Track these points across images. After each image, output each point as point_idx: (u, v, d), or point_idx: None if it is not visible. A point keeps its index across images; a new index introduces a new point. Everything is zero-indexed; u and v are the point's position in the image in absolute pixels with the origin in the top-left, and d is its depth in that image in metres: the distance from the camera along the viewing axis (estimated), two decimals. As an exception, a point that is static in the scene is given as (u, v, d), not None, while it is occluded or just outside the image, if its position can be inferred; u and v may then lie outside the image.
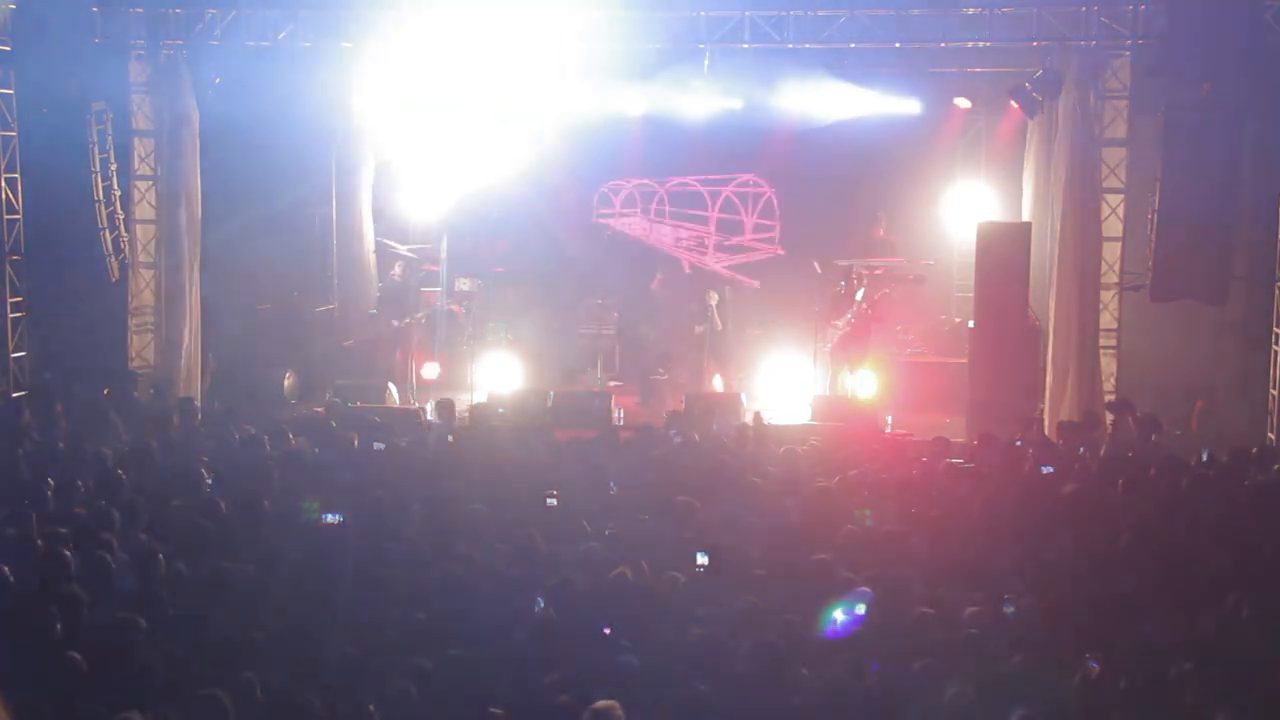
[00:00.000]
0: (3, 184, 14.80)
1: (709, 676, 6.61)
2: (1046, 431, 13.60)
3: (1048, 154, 15.74)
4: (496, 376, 16.75)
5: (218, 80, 15.51)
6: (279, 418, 13.70)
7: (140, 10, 15.04)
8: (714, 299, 17.35)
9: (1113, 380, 14.74)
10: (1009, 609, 7.11)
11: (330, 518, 9.24)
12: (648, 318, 18.28)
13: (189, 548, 8.52)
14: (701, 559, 8.39)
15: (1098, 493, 10.29)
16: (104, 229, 15.73)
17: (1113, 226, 14.63)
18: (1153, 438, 12.41)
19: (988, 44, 15.22)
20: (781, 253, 19.70)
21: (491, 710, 6.24)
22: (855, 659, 6.84)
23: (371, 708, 6.07)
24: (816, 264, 18.20)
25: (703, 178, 19.69)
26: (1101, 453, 11.97)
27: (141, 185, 15.69)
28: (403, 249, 18.68)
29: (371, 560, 8.45)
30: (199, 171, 15.27)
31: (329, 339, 17.77)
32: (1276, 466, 11.10)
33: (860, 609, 7.48)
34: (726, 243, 19.66)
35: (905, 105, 17.92)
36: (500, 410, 14.27)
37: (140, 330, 15.74)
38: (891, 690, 6.58)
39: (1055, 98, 14.87)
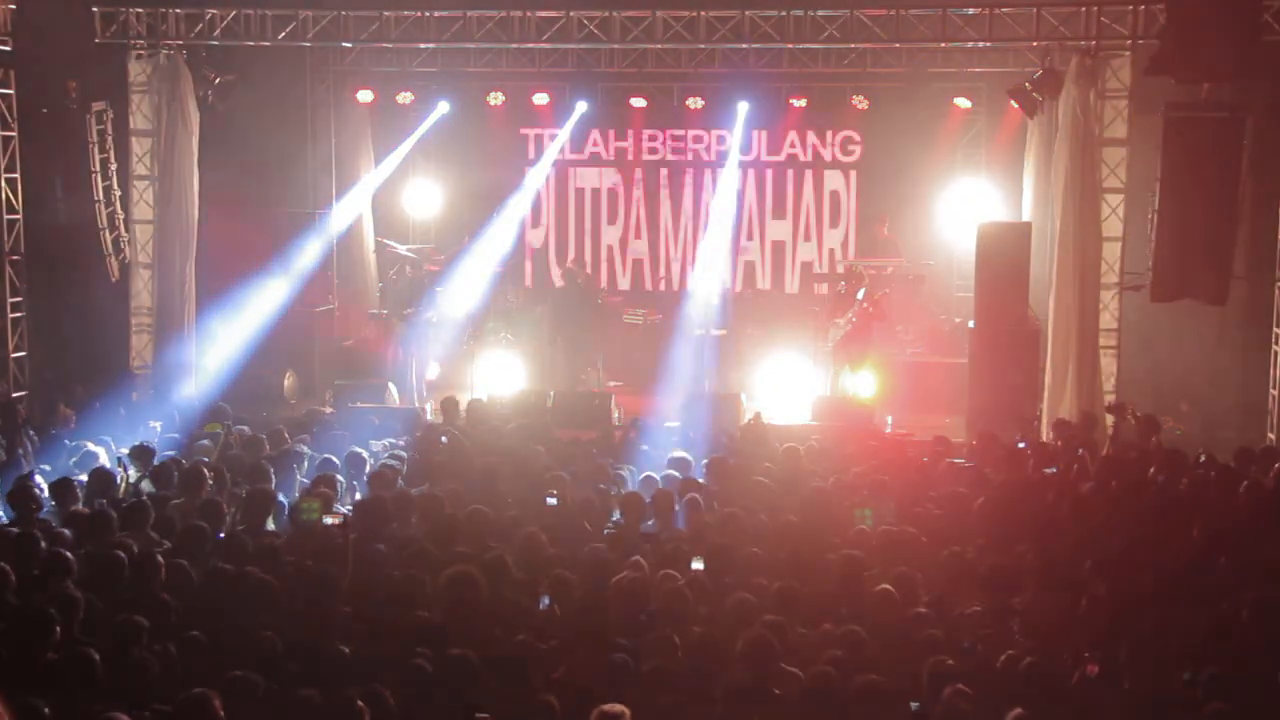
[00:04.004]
0: (3, 184, 14.79)
1: (704, 677, 6.62)
2: (1046, 432, 13.61)
3: (1048, 154, 15.75)
4: (496, 376, 16.75)
5: (217, 80, 15.52)
6: (279, 418, 13.70)
7: (140, 10, 15.04)
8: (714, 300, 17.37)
9: (1113, 380, 14.74)
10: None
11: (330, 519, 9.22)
12: None
13: (189, 548, 8.52)
14: (696, 564, 8.40)
15: (1098, 493, 10.30)
16: (104, 229, 15.72)
17: (1113, 226, 14.63)
18: (1153, 439, 12.41)
19: (988, 44, 15.24)
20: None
21: (479, 715, 6.24)
22: (847, 659, 6.85)
23: (360, 704, 6.06)
24: (816, 264, 18.25)
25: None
26: (1102, 453, 11.97)
27: (141, 185, 15.69)
28: (403, 249, 18.70)
29: (372, 560, 8.45)
30: (198, 171, 15.27)
31: (329, 339, 17.78)
32: (1276, 466, 11.09)
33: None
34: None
35: (907, 105, 18.00)
36: (501, 410, 14.27)
37: (140, 330, 15.74)
38: (889, 690, 6.57)
39: (1055, 98, 14.89)
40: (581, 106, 18.95)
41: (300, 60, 17.37)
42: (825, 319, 16.99)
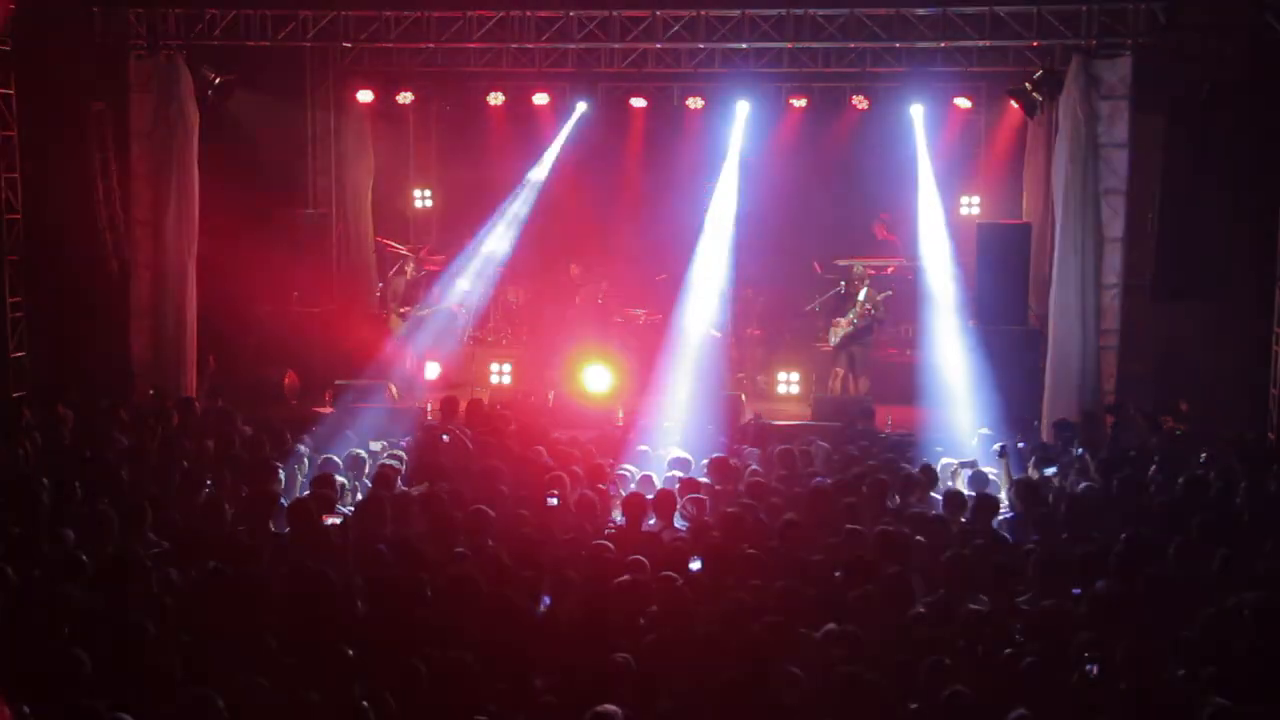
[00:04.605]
0: (3, 184, 14.78)
1: (705, 677, 6.62)
2: (1046, 431, 13.61)
3: (1048, 154, 15.75)
4: (497, 376, 16.76)
5: (217, 80, 15.52)
6: (279, 417, 13.70)
7: (140, 10, 15.04)
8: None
9: (1113, 380, 14.73)
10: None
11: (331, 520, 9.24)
12: None
13: (189, 548, 8.52)
14: (695, 563, 8.40)
15: (1097, 494, 10.31)
16: (104, 229, 15.71)
17: (1113, 227, 14.62)
18: (1153, 439, 12.41)
19: (988, 44, 15.24)
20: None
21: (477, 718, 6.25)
22: (847, 659, 6.85)
23: (365, 704, 6.07)
24: (816, 264, 18.25)
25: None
26: (1102, 453, 11.97)
27: (141, 185, 15.66)
28: (403, 249, 18.72)
29: (372, 560, 8.45)
30: (197, 171, 15.27)
31: (329, 339, 17.77)
32: (1277, 466, 11.09)
33: None
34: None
35: (907, 105, 18.02)
36: (501, 410, 14.27)
37: (140, 330, 15.72)
38: (888, 690, 6.58)
39: (1055, 98, 14.89)
40: (581, 106, 18.95)
41: (300, 60, 17.37)
42: (826, 319, 17.01)
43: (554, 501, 9.83)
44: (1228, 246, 14.31)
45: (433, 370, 17.15)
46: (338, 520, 9.40)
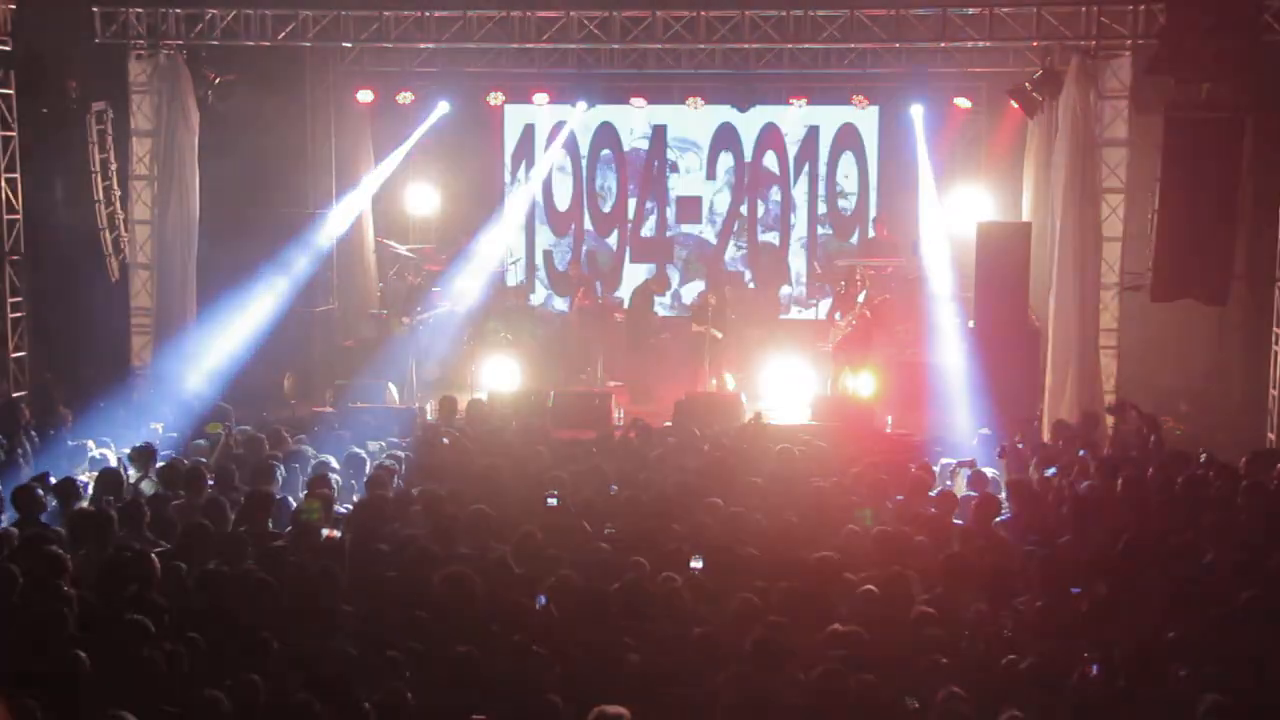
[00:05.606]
0: (3, 184, 14.78)
1: (705, 677, 6.62)
2: (1046, 432, 13.60)
3: (1048, 154, 15.75)
4: (496, 376, 16.75)
5: (217, 80, 15.53)
6: (279, 418, 13.70)
7: (140, 10, 15.05)
8: (712, 300, 17.37)
9: (1113, 380, 14.73)
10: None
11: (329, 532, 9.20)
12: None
13: (189, 548, 8.52)
14: (695, 563, 8.39)
15: (1099, 493, 10.30)
16: (104, 229, 15.72)
17: (1113, 226, 14.63)
18: (1152, 439, 12.40)
19: (988, 44, 15.24)
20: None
21: (476, 717, 6.25)
22: (848, 659, 6.84)
23: (367, 706, 6.07)
24: (816, 264, 18.26)
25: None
26: (1103, 454, 11.97)
27: (141, 185, 15.68)
28: (403, 249, 18.70)
29: (371, 560, 8.45)
30: (198, 171, 15.27)
31: (329, 339, 17.77)
32: (1277, 467, 11.08)
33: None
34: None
35: (907, 105, 18.02)
36: (501, 409, 14.27)
37: (140, 330, 15.73)
38: (887, 690, 6.57)
39: (1055, 98, 14.89)
40: (581, 106, 18.97)
41: (300, 60, 17.36)
42: (826, 319, 17.00)
43: (554, 501, 9.82)
44: (1228, 246, 14.30)
45: (432, 370, 17.14)
46: (334, 534, 9.34)
